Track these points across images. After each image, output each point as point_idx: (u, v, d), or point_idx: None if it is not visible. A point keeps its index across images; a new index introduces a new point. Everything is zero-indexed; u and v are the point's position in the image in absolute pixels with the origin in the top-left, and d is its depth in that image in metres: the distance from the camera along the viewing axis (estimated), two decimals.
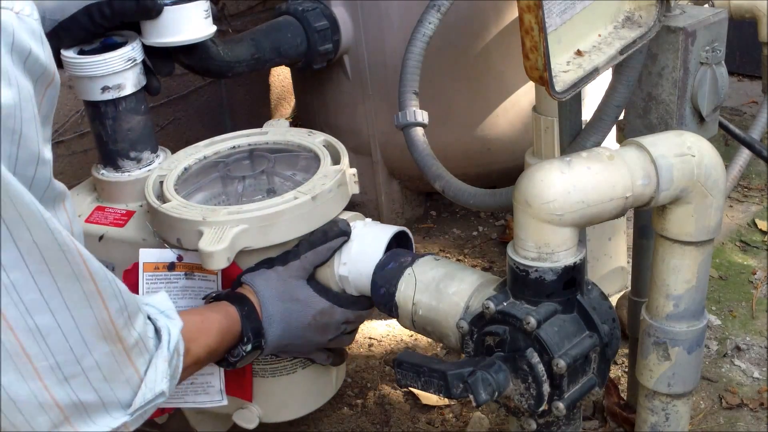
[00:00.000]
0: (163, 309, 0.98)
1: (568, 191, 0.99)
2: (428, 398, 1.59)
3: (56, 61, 1.27)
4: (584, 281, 1.07)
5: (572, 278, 1.03)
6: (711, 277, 1.90)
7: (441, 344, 1.65)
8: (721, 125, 1.36)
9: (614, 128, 1.36)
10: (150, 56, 1.38)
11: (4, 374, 0.79)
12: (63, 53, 1.29)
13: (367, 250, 1.22)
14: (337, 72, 2.01)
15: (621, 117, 1.20)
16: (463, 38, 1.92)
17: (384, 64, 1.94)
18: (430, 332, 1.18)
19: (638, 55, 1.11)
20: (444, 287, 1.15)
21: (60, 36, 1.29)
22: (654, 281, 1.11)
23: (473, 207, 1.27)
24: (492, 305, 1.04)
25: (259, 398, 1.31)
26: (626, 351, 1.59)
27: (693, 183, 1.02)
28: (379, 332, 1.81)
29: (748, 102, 2.91)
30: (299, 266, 1.20)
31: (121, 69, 1.30)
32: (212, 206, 1.23)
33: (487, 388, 1.01)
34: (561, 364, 1.00)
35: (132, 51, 1.31)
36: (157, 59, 1.40)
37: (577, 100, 1.22)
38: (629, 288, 1.48)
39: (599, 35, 1.07)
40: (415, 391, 1.60)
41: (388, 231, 1.23)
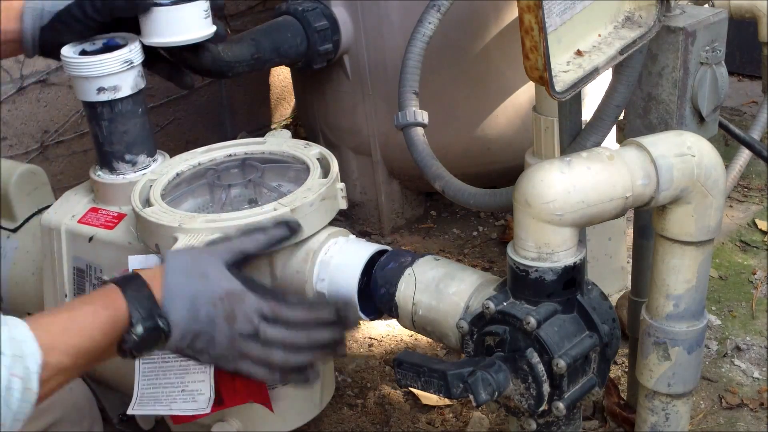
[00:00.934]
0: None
1: (568, 191, 0.99)
2: (428, 398, 1.59)
3: (56, 59, 1.26)
4: (584, 281, 1.07)
5: (572, 278, 1.03)
6: (711, 277, 1.90)
7: (441, 344, 1.65)
8: (721, 125, 1.36)
9: (614, 128, 1.37)
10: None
11: None
12: (62, 53, 1.29)
13: (346, 267, 1.19)
14: (337, 72, 2.01)
15: (621, 117, 1.20)
16: (463, 38, 1.92)
17: (384, 64, 1.94)
18: (430, 332, 1.18)
19: (638, 55, 1.11)
20: (444, 287, 1.15)
21: (58, 29, 1.28)
22: (654, 281, 1.11)
23: (473, 207, 1.27)
24: (492, 305, 1.04)
25: (239, 412, 1.29)
26: (626, 351, 1.59)
27: (693, 183, 1.02)
28: (379, 332, 1.81)
29: (748, 102, 2.92)
30: (224, 247, 1.09)
31: (118, 71, 1.29)
32: (191, 213, 1.21)
33: (487, 388, 1.01)
34: (561, 364, 1.00)
35: (129, 53, 1.30)
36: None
37: (577, 100, 1.22)
38: (629, 288, 1.48)
39: (599, 35, 1.07)
40: (415, 391, 1.60)
41: (369, 249, 1.21)
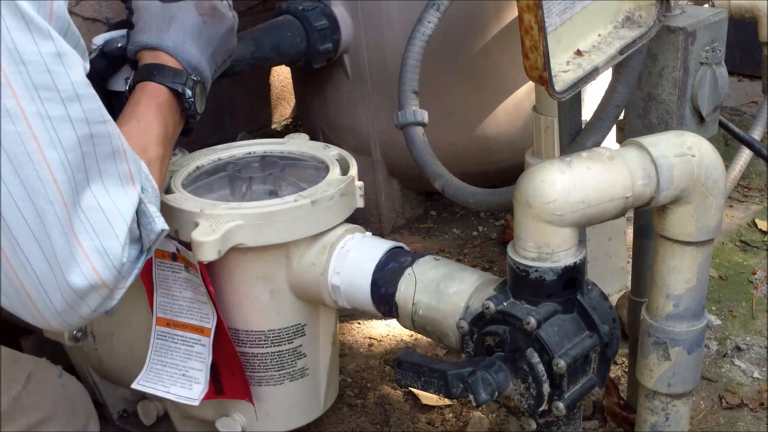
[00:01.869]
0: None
1: (569, 191, 0.99)
2: (428, 398, 1.59)
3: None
4: (584, 281, 1.07)
5: (572, 278, 1.03)
6: (711, 277, 1.90)
7: (441, 344, 1.65)
8: (722, 125, 1.36)
9: (614, 128, 1.37)
10: None
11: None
12: (93, 41, 1.29)
13: (362, 262, 1.21)
14: (337, 71, 2.01)
15: (621, 117, 1.20)
16: (463, 37, 1.91)
17: (384, 64, 1.94)
18: (430, 332, 1.18)
19: (638, 55, 1.11)
20: (444, 287, 1.15)
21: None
22: (654, 281, 1.11)
23: (473, 206, 1.27)
24: (492, 305, 1.04)
25: (243, 407, 1.31)
26: (626, 351, 1.59)
27: (693, 183, 1.02)
28: (379, 332, 1.81)
29: (748, 102, 2.92)
30: None
31: None
32: (212, 201, 1.24)
33: (487, 388, 1.01)
34: (561, 364, 1.00)
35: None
36: None
37: (577, 100, 1.22)
38: (629, 288, 1.48)
39: (599, 35, 1.07)
40: (415, 391, 1.60)
41: (385, 245, 1.23)
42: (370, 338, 1.79)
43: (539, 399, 1.02)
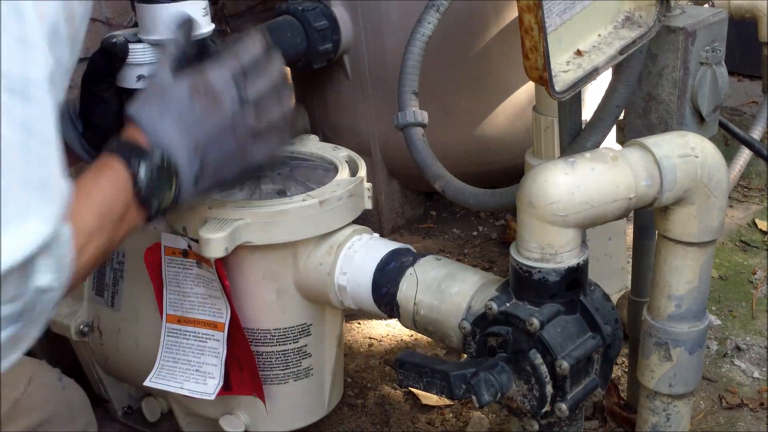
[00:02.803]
0: None
1: (572, 192, 0.98)
2: (428, 398, 1.59)
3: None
4: (587, 282, 1.07)
5: (575, 279, 1.03)
6: (711, 277, 1.90)
7: (441, 344, 1.65)
8: (722, 125, 1.36)
9: (614, 128, 1.37)
10: None
11: None
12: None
13: (369, 264, 1.21)
14: (337, 72, 2.01)
15: (621, 117, 1.20)
16: (463, 38, 1.92)
17: (384, 64, 1.94)
18: (432, 332, 1.18)
19: (638, 55, 1.11)
20: (446, 287, 1.14)
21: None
22: (656, 282, 1.11)
23: (473, 207, 1.27)
24: (495, 306, 1.04)
25: (247, 405, 1.31)
26: (626, 351, 1.59)
27: (696, 184, 1.02)
28: (379, 332, 1.81)
29: (748, 102, 2.92)
30: (160, 61, 1.07)
31: (149, 61, 1.30)
32: (221, 199, 1.24)
33: (490, 389, 1.00)
34: (564, 365, 1.00)
35: (161, 45, 1.31)
36: None
37: (577, 100, 1.22)
38: (629, 288, 1.48)
39: (599, 35, 1.07)
40: (415, 391, 1.60)
41: (392, 246, 1.23)
42: (370, 338, 1.79)
43: (542, 400, 1.02)
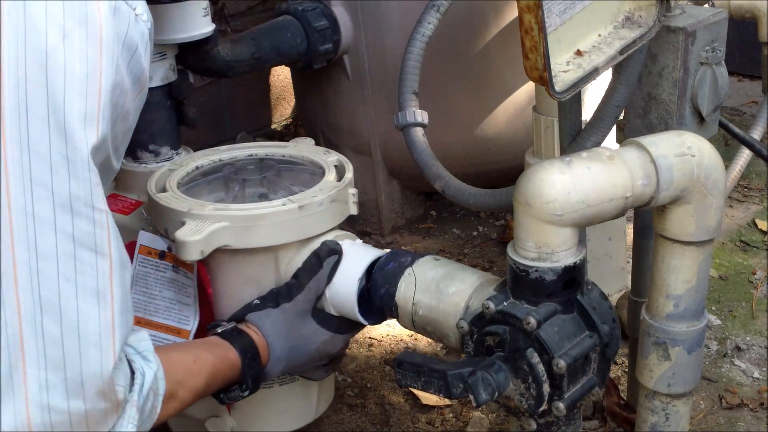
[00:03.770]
0: (141, 350, 0.93)
1: (569, 191, 0.99)
2: (428, 398, 1.59)
3: None
4: (584, 281, 1.07)
5: (572, 278, 1.03)
6: (711, 277, 1.90)
7: (441, 344, 1.65)
8: (722, 125, 1.36)
9: (614, 128, 1.37)
10: None
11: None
12: None
13: (348, 272, 1.20)
14: (337, 72, 2.01)
15: (621, 117, 1.20)
16: (463, 38, 1.92)
17: (384, 64, 1.94)
18: (430, 332, 1.18)
19: (638, 55, 1.11)
20: (444, 287, 1.15)
21: None
22: (654, 281, 1.11)
23: (473, 207, 1.27)
24: (492, 305, 1.04)
25: (234, 408, 1.30)
26: (626, 351, 1.59)
27: (693, 183, 1.02)
28: (379, 332, 1.81)
29: (748, 102, 2.92)
30: (304, 299, 1.19)
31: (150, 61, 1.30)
32: (202, 201, 1.24)
33: (487, 388, 1.01)
34: (561, 364, 1.00)
35: (163, 45, 1.31)
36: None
37: (577, 100, 1.22)
38: (629, 288, 1.48)
39: (599, 35, 1.07)
40: (415, 391, 1.60)
41: (371, 254, 1.22)
42: (370, 338, 1.79)
43: (539, 399, 1.02)
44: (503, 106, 1.98)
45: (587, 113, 1.22)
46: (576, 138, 1.20)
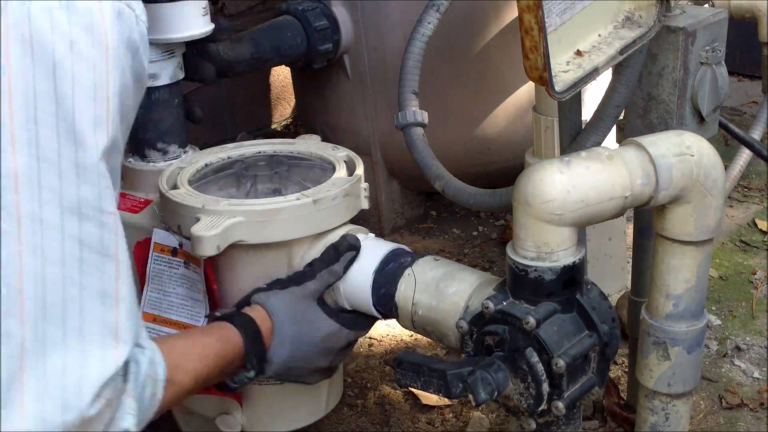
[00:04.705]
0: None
1: (568, 191, 0.99)
2: (428, 398, 1.59)
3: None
4: (584, 281, 1.07)
5: (571, 278, 1.03)
6: (711, 277, 1.90)
7: (441, 344, 1.65)
8: (722, 125, 1.36)
9: (614, 128, 1.37)
10: None
11: None
12: None
13: (362, 265, 1.21)
14: (337, 72, 2.01)
15: (621, 117, 1.20)
16: (463, 38, 1.92)
17: (384, 64, 1.94)
18: (430, 332, 1.18)
19: (638, 55, 1.11)
20: (444, 287, 1.15)
21: None
22: (654, 281, 1.11)
23: (473, 207, 1.27)
24: (491, 305, 1.04)
25: (244, 405, 1.30)
26: (626, 351, 1.59)
27: (692, 182, 1.02)
28: (379, 332, 1.81)
29: (748, 102, 2.92)
30: (314, 287, 1.19)
31: (158, 59, 1.30)
32: (216, 197, 1.24)
33: (487, 388, 1.01)
34: (560, 364, 1.00)
35: (169, 44, 1.31)
36: None
37: (577, 100, 1.22)
38: (629, 288, 1.48)
39: (599, 35, 1.07)
40: (415, 391, 1.60)
41: (386, 247, 1.23)
42: (370, 338, 1.79)
43: (539, 398, 1.02)
44: (503, 106, 1.98)
45: (587, 113, 1.22)
46: (576, 138, 1.20)
